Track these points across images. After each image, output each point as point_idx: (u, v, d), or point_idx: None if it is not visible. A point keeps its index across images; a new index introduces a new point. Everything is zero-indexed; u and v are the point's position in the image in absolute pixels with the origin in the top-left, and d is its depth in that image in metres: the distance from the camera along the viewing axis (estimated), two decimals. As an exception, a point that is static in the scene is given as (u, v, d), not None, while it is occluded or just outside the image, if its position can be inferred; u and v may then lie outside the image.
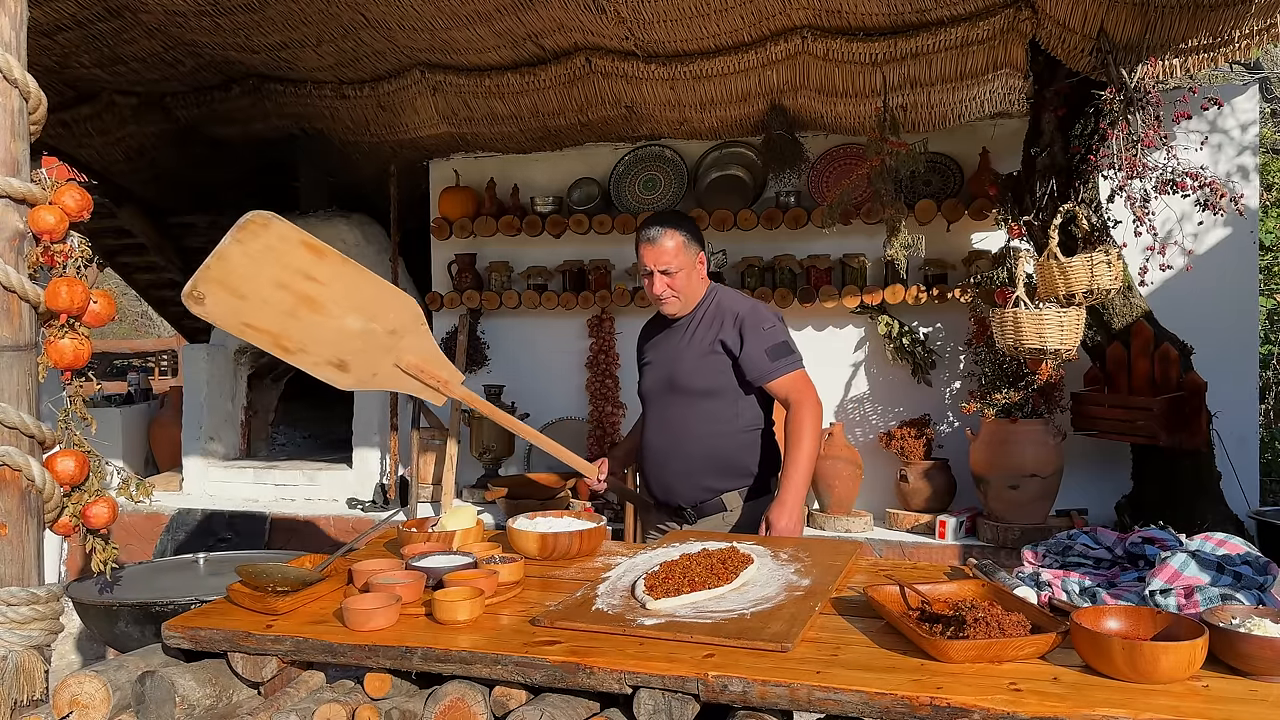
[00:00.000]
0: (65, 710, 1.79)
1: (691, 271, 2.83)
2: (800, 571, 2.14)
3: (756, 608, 1.89)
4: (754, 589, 2.02)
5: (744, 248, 5.03)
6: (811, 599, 1.94)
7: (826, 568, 2.16)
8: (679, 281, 2.80)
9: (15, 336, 2.03)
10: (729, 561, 2.10)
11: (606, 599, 1.98)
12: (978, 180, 4.58)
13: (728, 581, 1.99)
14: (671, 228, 2.80)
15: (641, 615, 1.87)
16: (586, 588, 2.06)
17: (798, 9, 3.81)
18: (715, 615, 1.85)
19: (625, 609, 1.91)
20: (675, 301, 2.84)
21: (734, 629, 1.78)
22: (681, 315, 2.90)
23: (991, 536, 4.27)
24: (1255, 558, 1.89)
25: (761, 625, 1.79)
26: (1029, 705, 1.44)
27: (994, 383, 4.36)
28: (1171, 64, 3.22)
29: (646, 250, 2.80)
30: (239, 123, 5.31)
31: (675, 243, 2.78)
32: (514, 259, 5.41)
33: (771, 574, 2.13)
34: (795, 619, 1.82)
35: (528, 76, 4.52)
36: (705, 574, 2.02)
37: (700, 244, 2.88)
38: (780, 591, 2.00)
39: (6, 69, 2.01)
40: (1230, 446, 4.21)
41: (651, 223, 2.84)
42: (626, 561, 2.26)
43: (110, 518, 2.21)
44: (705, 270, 2.91)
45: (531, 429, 2.95)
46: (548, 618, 1.87)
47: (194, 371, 5.80)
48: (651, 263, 2.79)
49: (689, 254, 2.81)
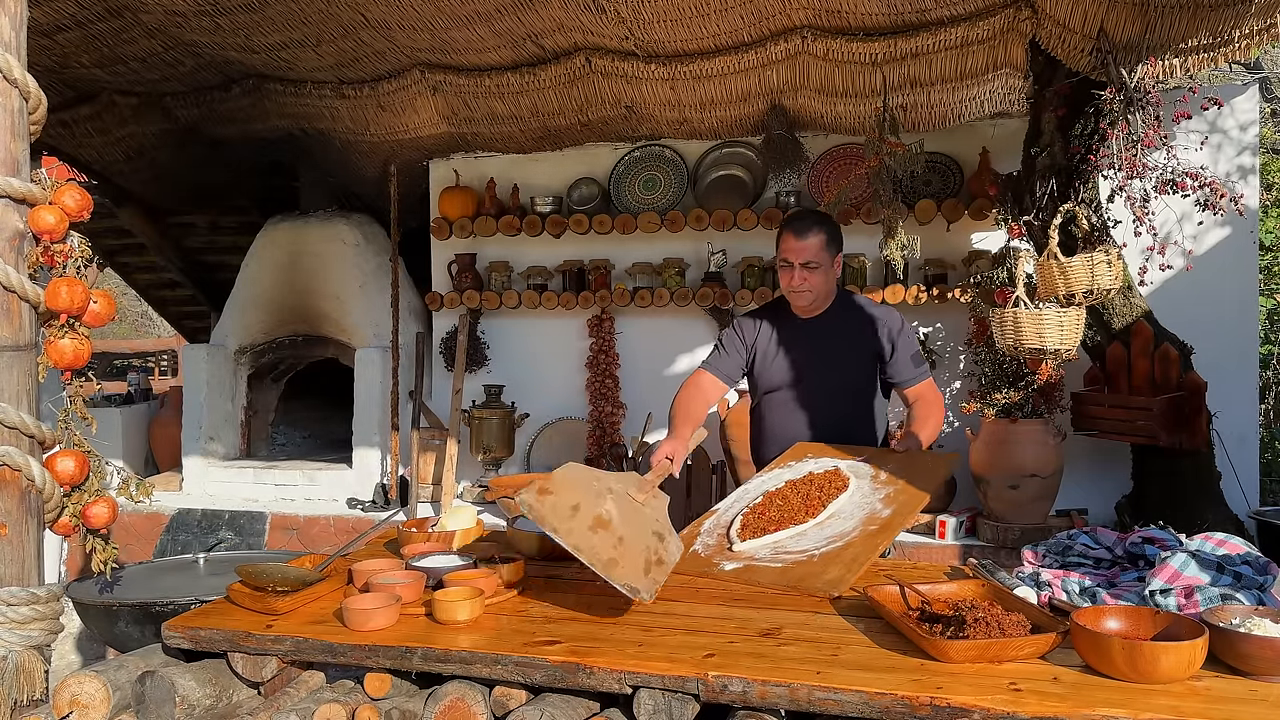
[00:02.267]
0: (65, 710, 1.79)
1: (829, 271, 2.89)
2: (887, 499, 2.29)
3: (829, 546, 2.10)
4: (835, 523, 2.22)
5: (744, 248, 5.03)
6: (882, 535, 2.12)
7: (912, 496, 2.29)
8: (816, 278, 2.86)
9: (15, 336, 2.03)
10: (826, 488, 2.31)
11: (705, 537, 2.27)
12: (978, 180, 4.58)
13: (814, 514, 2.23)
14: (817, 225, 2.88)
15: (725, 559, 2.12)
16: (694, 525, 2.36)
17: (798, 9, 3.80)
18: (788, 558, 2.09)
19: (715, 551, 2.18)
20: (808, 295, 2.89)
21: (797, 574, 2.00)
22: (811, 313, 2.96)
23: (991, 536, 4.27)
24: (1255, 558, 1.89)
25: (822, 569, 2.01)
26: (1029, 705, 1.44)
27: (994, 383, 4.35)
28: (1171, 64, 3.21)
29: (790, 242, 2.86)
30: (239, 123, 5.30)
31: (819, 239, 2.84)
32: (514, 259, 5.41)
33: (860, 503, 2.30)
34: (854, 562, 2.02)
35: (528, 76, 4.52)
36: (799, 505, 2.26)
37: (840, 246, 2.94)
38: (857, 526, 2.18)
39: (6, 69, 2.01)
40: (1230, 446, 4.21)
41: (799, 217, 2.93)
42: (740, 488, 2.52)
43: (110, 518, 2.21)
44: (840, 273, 2.98)
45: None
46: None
47: (194, 371, 5.80)
48: (794, 256, 2.85)
49: (830, 253, 2.88)
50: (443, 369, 5.59)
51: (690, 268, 5.15)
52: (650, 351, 5.26)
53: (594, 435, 5.23)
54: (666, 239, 5.16)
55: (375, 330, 5.62)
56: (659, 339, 5.24)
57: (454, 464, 5.24)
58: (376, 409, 5.49)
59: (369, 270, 5.73)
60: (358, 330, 5.65)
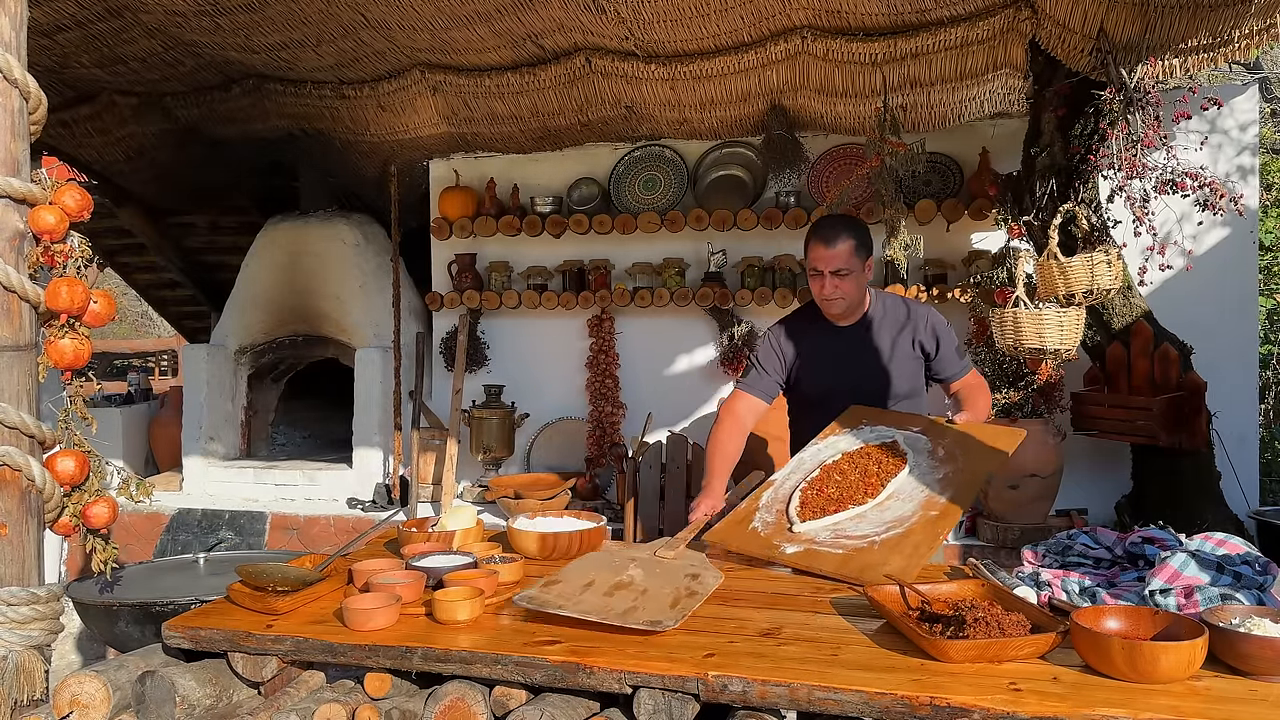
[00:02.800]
0: (65, 710, 1.79)
1: (860, 276, 2.86)
2: (946, 480, 2.28)
3: (889, 532, 2.10)
4: (894, 505, 2.21)
5: (744, 248, 5.03)
6: (940, 522, 2.11)
7: (973, 476, 2.29)
8: (848, 285, 2.83)
9: (15, 336, 2.03)
10: (883, 464, 2.30)
11: (764, 514, 2.26)
12: (978, 180, 4.58)
13: (872, 494, 2.22)
14: (846, 231, 2.83)
15: (786, 540, 2.12)
16: (752, 499, 2.34)
17: (798, 9, 3.80)
18: (849, 543, 2.08)
19: (775, 531, 2.17)
20: (841, 303, 2.87)
21: (858, 565, 2.00)
22: (846, 319, 2.93)
23: (991, 536, 4.27)
24: (1255, 558, 1.89)
25: (884, 559, 2.00)
26: (1029, 705, 1.44)
27: (994, 383, 4.36)
28: (1171, 64, 3.21)
29: (819, 251, 2.82)
30: (239, 123, 5.30)
31: (848, 246, 2.81)
32: (514, 259, 5.41)
33: (919, 483, 2.29)
34: (916, 552, 2.02)
35: (528, 76, 4.52)
36: (858, 482, 2.25)
37: (870, 250, 2.90)
38: (916, 511, 2.17)
39: (6, 69, 2.01)
40: (1230, 446, 4.21)
41: (827, 224, 2.88)
42: (796, 458, 2.50)
43: (110, 518, 2.21)
44: (870, 276, 2.96)
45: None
46: (710, 535, 2.17)
47: (194, 371, 5.80)
48: (823, 264, 2.81)
49: (860, 258, 2.84)
50: (443, 369, 5.59)
51: (690, 268, 5.15)
52: (650, 351, 5.26)
53: (594, 435, 5.24)
54: (666, 239, 5.16)
55: (375, 330, 5.62)
56: (659, 339, 5.25)
57: (454, 464, 5.24)
58: (376, 409, 5.49)
59: (369, 270, 5.73)
60: (358, 330, 5.65)
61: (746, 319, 5.07)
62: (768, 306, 4.91)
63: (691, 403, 5.19)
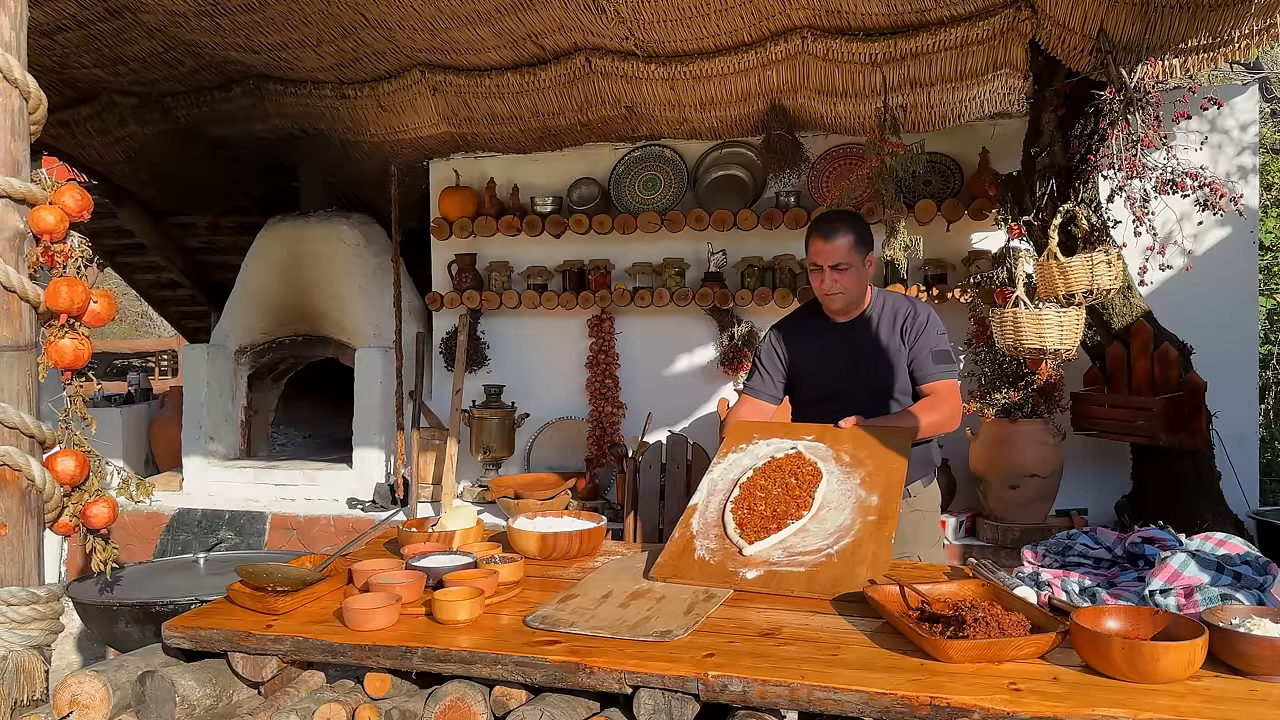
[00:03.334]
0: (65, 710, 1.79)
1: (860, 271, 2.85)
2: (866, 482, 2.27)
3: (839, 544, 2.09)
4: (830, 513, 2.20)
5: (744, 248, 5.03)
6: (884, 526, 2.11)
7: (888, 475, 2.28)
8: (848, 279, 2.82)
9: (15, 336, 2.03)
10: (799, 475, 2.28)
11: (704, 540, 2.20)
12: (978, 180, 4.58)
13: (805, 507, 2.20)
14: (845, 225, 2.83)
15: (742, 565, 2.08)
16: (682, 525, 2.27)
17: (798, 9, 3.80)
18: (806, 559, 2.07)
19: (725, 557, 2.12)
20: (841, 298, 2.85)
21: (827, 579, 1.99)
22: (846, 315, 2.93)
23: (991, 536, 4.27)
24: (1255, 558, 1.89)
25: (850, 572, 2.00)
26: (1029, 705, 1.44)
27: (994, 383, 4.35)
28: (1171, 64, 3.21)
29: (819, 245, 2.82)
30: (239, 123, 5.30)
31: (848, 240, 2.81)
32: (514, 259, 5.41)
33: (841, 490, 2.27)
34: (876, 559, 2.02)
35: (528, 76, 4.52)
36: (783, 496, 2.22)
37: (870, 245, 2.89)
38: (855, 518, 2.17)
39: (6, 69, 2.01)
40: (1230, 446, 4.21)
41: (827, 218, 2.89)
42: (706, 479, 2.44)
43: (110, 518, 2.21)
44: (871, 271, 2.94)
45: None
46: (659, 572, 2.09)
47: (194, 371, 5.80)
48: (823, 259, 2.81)
49: (860, 253, 2.84)
50: (443, 369, 5.59)
51: (690, 268, 5.15)
52: (650, 351, 5.26)
53: (594, 435, 5.24)
54: (666, 239, 5.16)
55: (375, 330, 5.62)
56: (659, 339, 5.25)
57: (454, 464, 5.24)
58: (376, 409, 5.49)
59: (369, 270, 5.73)
60: (358, 330, 5.65)
61: (746, 319, 5.06)
62: (768, 306, 4.90)
63: (691, 403, 5.19)
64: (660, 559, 2.16)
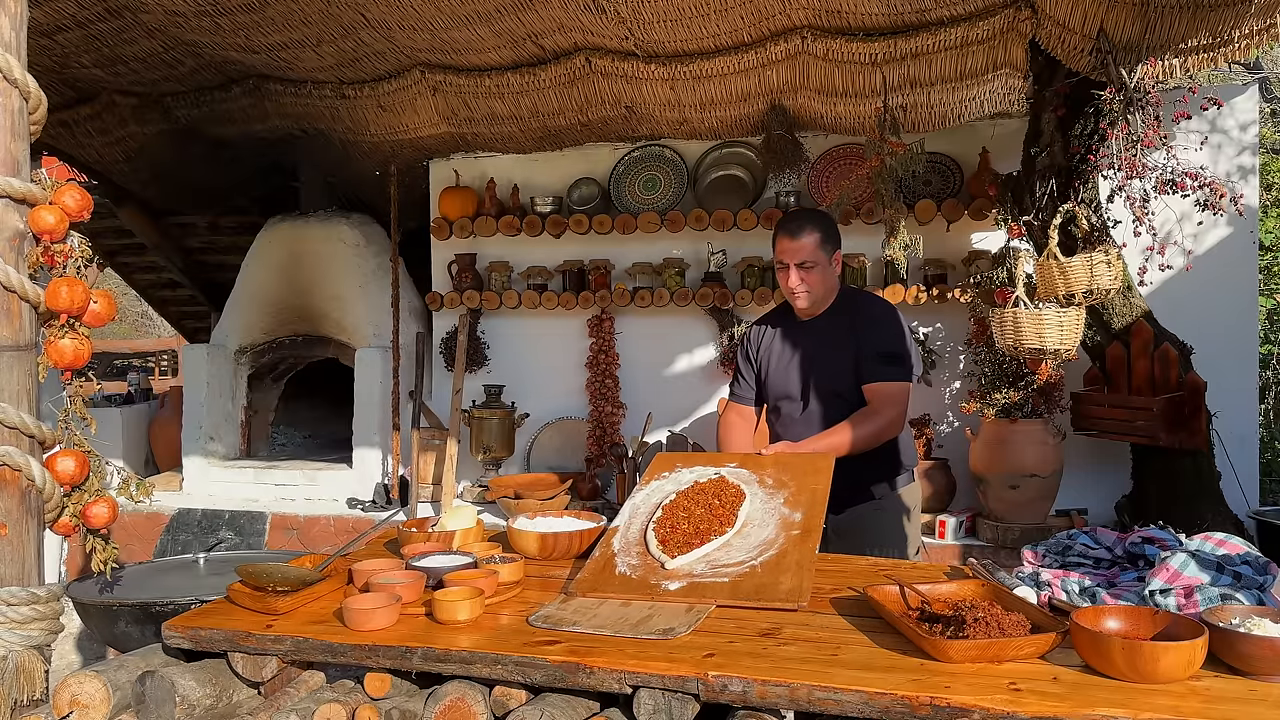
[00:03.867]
0: (65, 710, 1.79)
1: (827, 269, 2.84)
2: (790, 501, 2.25)
3: (763, 555, 2.06)
4: (754, 530, 2.17)
5: (744, 248, 5.03)
6: (808, 539, 2.10)
7: (812, 494, 2.27)
8: (814, 278, 2.81)
9: (15, 336, 2.03)
10: (723, 496, 2.24)
11: (625, 557, 2.14)
12: (978, 180, 4.58)
13: (728, 524, 2.16)
14: (811, 224, 2.83)
15: (664, 578, 2.03)
16: (602, 545, 2.21)
17: (798, 9, 3.80)
18: (729, 571, 2.02)
19: (647, 571, 2.07)
20: (807, 296, 2.84)
21: (750, 587, 1.95)
22: (812, 314, 2.91)
23: (991, 536, 4.27)
24: (1255, 558, 1.88)
25: (774, 580, 1.96)
26: (1029, 705, 1.44)
27: (994, 383, 4.35)
28: (1171, 64, 3.21)
29: (785, 243, 2.82)
30: (239, 123, 5.31)
31: (814, 238, 2.80)
32: (514, 259, 5.41)
33: (765, 508, 2.25)
34: (801, 568, 1.99)
35: (528, 76, 4.52)
36: (706, 515, 2.17)
37: (837, 243, 2.89)
38: (779, 532, 2.14)
39: (6, 69, 2.01)
40: (1230, 446, 4.21)
41: (792, 217, 2.89)
42: (628, 504, 2.39)
43: (110, 518, 2.21)
44: (840, 270, 2.93)
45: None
46: (578, 587, 2.02)
47: (194, 371, 5.80)
48: (789, 256, 2.81)
49: (826, 251, 2.83)
50: (443, 369, 5.59)
51: (690, 268, 5.15)
52: (650, 351, 5.26)
53: (594, 435, 5.24)
54: (666, 239, 5.16)
55: (375, 330, 5.62)
56: (659, 339, 5.25)
57: (454, 464, 5.24)
58: (376, 409, 5.49)
59: (369, 270, 5.73)
60: (358, 330, 5.65)
61: (746, 319, 5.07)
62: (768, 306, 4.90)
63: (691, 403, 5.19)
64: (580, 575, 2.09)
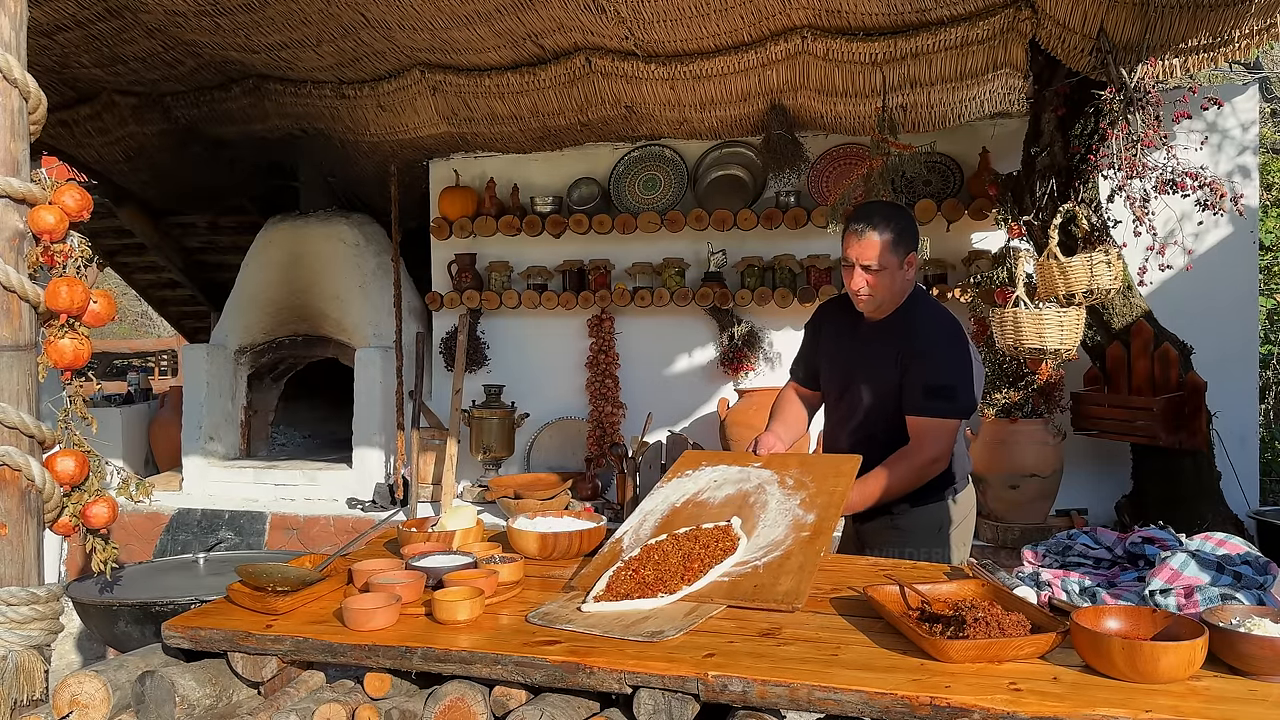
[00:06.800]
0: (65, 710, 1.79)
1: (896, 273, 2.58)
2: (805, 502, 2.23)
3: (768, 556, 2.04)
4: (764, 531, 2.15)
5: (744, 248, 5.03)
6: (816, 541, 2.07)
7: (829, 496, 2.24)
8: (880, 281, 2.57)
9: (15, 336, 2.03)
10: (710, 549, 2.06)
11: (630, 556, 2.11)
12: (978, 180, 4.58)
13: (690, 582, 1.96)
14: (885, 221, 2.56)
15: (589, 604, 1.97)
16: (613, 543, 2.23)
17: (798, 9, 3.80)
18: (731, 572, 2.01)
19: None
20: (870, 300, 2.61)
21: (748, 587, 1.94)
22: (875, 317, 2.68)
23: (991, 536, 4.27)
24: (1255, 558, 1.88)
25: (773, 581, 1.94)
26: (1029, 705, 1.44)
27: (994, 383, 4.35)
28: (1171, 64, 3.21)
29: (852, 241, 2.58)
30: (239, 123, 5.31)
31: (885, 239, 2.54)
32: (514, 259, 5.41)
33: (779, 510, 2.23)
34: (803, 570, 1.96)
35: (528, 76, 4.52)
36: (678, 568, 2.00)
37: (913, 244, 2.61)
38: (788, 533, 2.12)
39: (6, 69, 2.01)
40: (1230, 446, 4.21)
41: (863, 211, 2.62)
42: (646, 500, 2.39)
43: (110, 518, 2.21)
44: (913, 273, 2.65)
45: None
46: (581, 582, 2.03)
47: (194, 371, 5.80)
48: (855, 255, 2.57)
49: (897, 254, 2.56)
50: (443, 369, 5.59)
51: (690, 268, 5.15)
52: (650, 351, 5.26)
53: (594, 435, 5.24)
54: (666, 239, 5.16)
55: (375, 330, 5.62)
56: (659, 339, 5.25)
57: (454, 464, 5.24)
58: (376, 409, 5.49)
59: (369, 270, 5.73)
60: (358, 330, 5.65)
61: (746, 319, 5.06)
62: (768, 306, 4.91)
63: (691, 403, 5.19)
64: (585, 570, 2.11)
